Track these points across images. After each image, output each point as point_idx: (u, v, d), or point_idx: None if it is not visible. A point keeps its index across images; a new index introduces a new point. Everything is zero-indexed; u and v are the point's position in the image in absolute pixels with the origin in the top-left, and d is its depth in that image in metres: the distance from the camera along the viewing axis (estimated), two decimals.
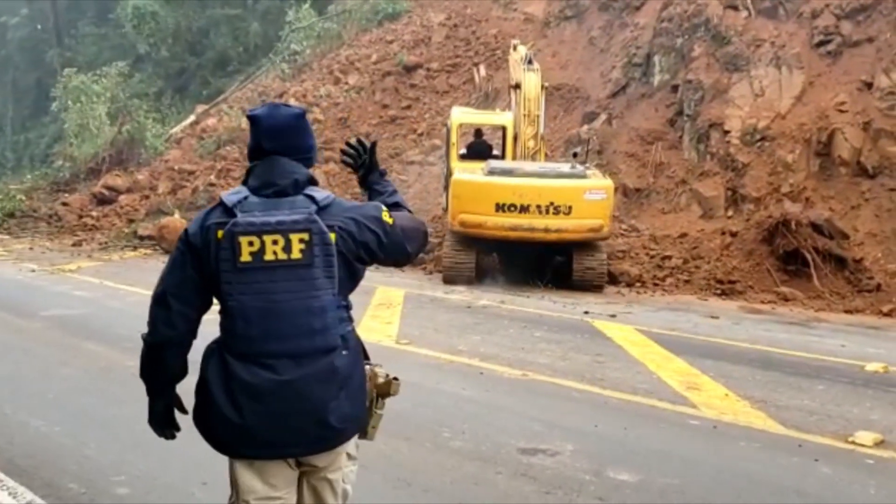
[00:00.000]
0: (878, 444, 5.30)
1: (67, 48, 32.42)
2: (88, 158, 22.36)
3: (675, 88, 17.56)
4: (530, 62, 14.21)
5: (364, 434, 2.75)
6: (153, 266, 13.76)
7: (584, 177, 12.50)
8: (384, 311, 9.84)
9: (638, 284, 13.16)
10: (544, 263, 12.99)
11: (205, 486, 4.21)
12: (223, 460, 2.59)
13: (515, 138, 13.92)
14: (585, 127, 18.65)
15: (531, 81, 13.79)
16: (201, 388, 2.55)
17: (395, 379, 2.78)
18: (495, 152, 14.51)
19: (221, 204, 2.53)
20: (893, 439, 5.43)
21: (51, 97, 27.00)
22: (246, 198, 2.51)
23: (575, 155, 13.84)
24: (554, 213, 12.06)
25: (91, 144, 23.17)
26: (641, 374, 7.10)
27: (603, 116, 18.80)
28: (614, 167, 17.09)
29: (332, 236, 2.50)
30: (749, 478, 4.69)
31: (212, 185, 18.60)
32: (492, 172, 12.50)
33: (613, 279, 13.30)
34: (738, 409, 6.07)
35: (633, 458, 4.92)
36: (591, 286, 12.42)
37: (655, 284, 13.23)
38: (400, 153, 19.03)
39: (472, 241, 12.67)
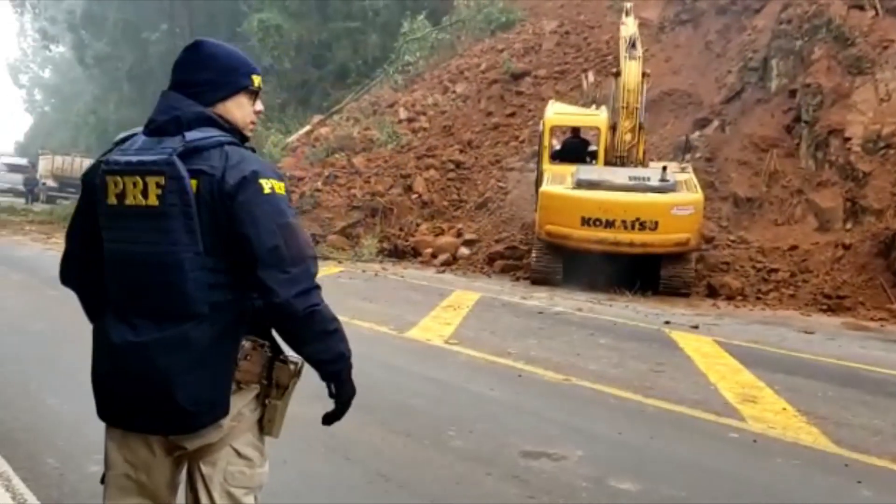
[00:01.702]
0: None
1: None
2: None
3: (792, 93, 16.47)
4: (633, 46, 13.63)
5: (263, 427, 2.34)
6: None
7: (672, 190, 12.06)
8: (449, 312, 9.64)
9: (739, 298, 12.42)
10: (634, 271, 12.48)
11: None
12: None
13: (614, 128, 13.45)
14: (696, 133, 17.84)
15: (632, 71, 13.31)
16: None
17: (285, 362, 2.30)
18: (592, 148, 14.08)
19: (114, 142, 2.30)
20: None
21: None
22: (133, 135, 2.26)
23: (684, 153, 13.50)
24: (640, 229, 11.79)
25: None
26: (697, 385, 6.56)
27: (715, 123, 17.90)
28: (725, 175, 16.26)
29: (194, 183, 2.10)
30: (770, 494, 4.17)
31: (318, 190, 18.95)
32: (579, 185, 12.25)
33: (713, 292, 12.69)
34: (791, 425, 5.47)
35: (645, 468, 4.48)
36: (678, 293, 12.07)
37: (758, 298, 12.44)
38: (500, 160, 18.80)
39: (559, 247, 12.45)
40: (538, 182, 13.65)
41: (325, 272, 13.24)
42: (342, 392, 2.34)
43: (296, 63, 29.94)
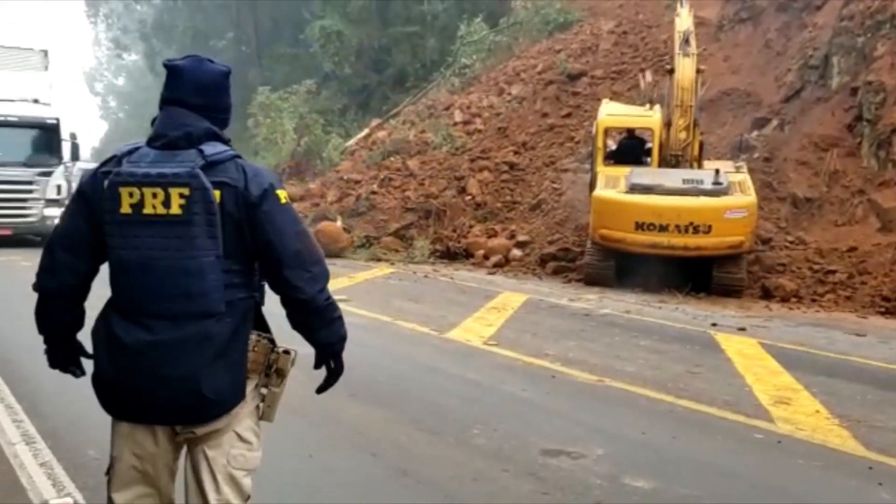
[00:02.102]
0: None
1: (266, 68, 34.93)
2: (271, 169, 23.95)
3: (854, 91, 16.05)
4: (687, 42, 13.50)
5: (262, 413, 2.58)
6: None
7: (725, 193, 12.00)
8: (492, 314, 9.75)
9: (794, 300, 12.21)
10: (688, 271, 12.45)
11: None
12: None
13: (669, 125, 13.39)
14: (755, 133, 17.56)
15: (685, 69, 13.20)
16: (94, 345, 2.49)
17: (287, 352, 2.56)
18: (649, 146, 14.02)
19: (114, 155, 2.46)
20: None
21: (247, 113, 29.16)
22: (137, 149, 2.42)
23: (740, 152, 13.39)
24: (693, 233, 11.80)
25: (274, 156, 24.82)
26: (732, 387, 6.54)
27: (774, 122, 17.59)
28: (784, 175, 15.96)
29: (217, 194, 2.34)
30: (784, 495, 4.20)
31: (374, 193, 19.25)
32: (632, 189, 12.26)
33: (767, 293, 12.50)
34: (821, 427, 5.43)
35: (662, 467, 4.53)
36: (730, 294, 12.09)
37: (813, 300, 12.20)
38: (555, 161, 18.80)
39: (612, 249, 12.50)
40: (592, 184, 13.70)
41: (376, 273, 13.50)
42: (338, 367, 2.66)
43: (356, 68, 30.38)
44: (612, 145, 14.43)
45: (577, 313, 10.17)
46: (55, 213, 15.36)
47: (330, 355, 2.62)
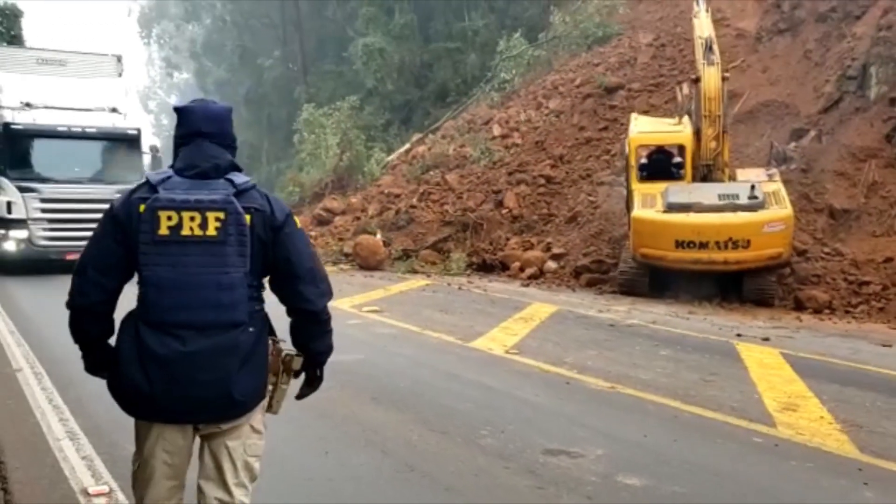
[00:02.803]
0: None
1: (311, 85, 35.78)
2: (314, 184, 24.57)
3: (892, 101, 15.98)
4: (710, 49, 13.61)
5: (270, 408, 2.94)
6: (340, 279, 14.94)
7: (762, 207, 12.16)
8: (519, 324, 10.02)
9: (826, 311, 12.24)
10: (721, 281, 12.68)
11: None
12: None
13: (699, 133, 13.53)
14: (792, 144, 17.53)
15: (711, 78, 13.30)
16: (115, 355, 2.76)
17: (299, 355, 2.94)
18: (677, 159, 14.16)
19: (147, 182, 2.74)
20: None
21: (293, 130, 29.92)
22: (170, 177, 2.73)
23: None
24: (733, 248, 12.04)
25: (319, 171, 25.45)
26: (742, 394, 6.71)
27: (812, 133, 17.53)
28: (821, 186, 15.92)
29: (248, 218, 2.70)
30: (770, 495, 4.40)
31: (413, 206, 19.67)
32: (670, 208, 12.46)
33: (799, 305, 12.55)
34: (821, 432, 5.60)
35: (657, 467, 4.77)
36: (762, 303, 12.37)
37: (846, 311, 12.24)
38: (591, 174, 18.99)
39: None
40: (628, 202, 13.91)
41: (412, 285, 13.86)
42: (321, 374, 3.04)
43: (398, 84, 30.98)
44: (643, 159, 14.60)
45: (602, 324, 10.38)
46: None
47: (318, 364, 3.00)
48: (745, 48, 21.68)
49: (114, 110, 16.24)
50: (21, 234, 14.42)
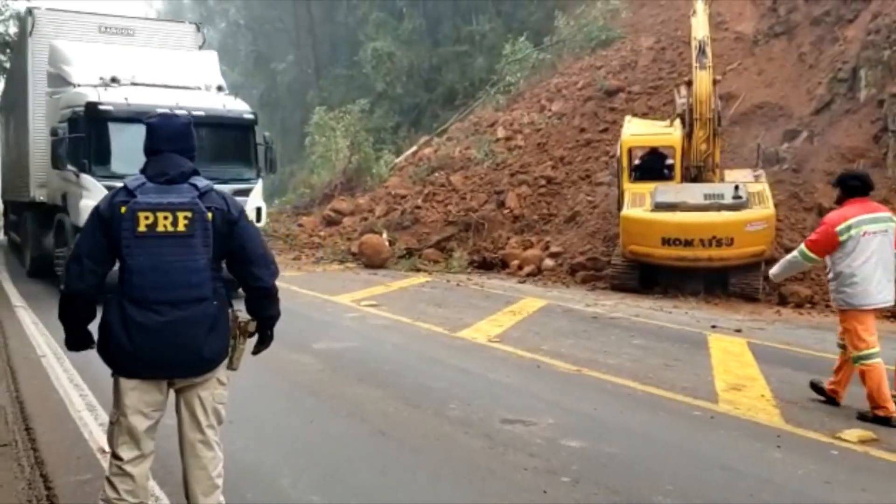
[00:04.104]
0: (863, 442, 5.32)
1: (323, 89, 36.66)
2: (324, 185, 25.36)
3: (881, 103, 16.52)
4: (703, 52, 14.14)
5: (230, 363, 3.64)
6: (345, 277, 15.65)
7: (745, 207, 12.76)
8: (507, 316, 10.69)
9: (808, 305, 12.80)
10: (708, 277, 13.32)
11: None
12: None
13: (690, 135, 14.11)
14: (785, 145, 18.08)
15: (702, 81, 13.83)
16: (103, 326, 3.39)
17: (253, 320, 3.69)
18: (669, 161, 14.75)
19: (125, 188, 3.40)
20: (883, 438, 5.40)
21: (305, 132, 30.69)
22: (144, 183, 3.40)
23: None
24: (717, 245, 12.63)
25: (328, 173, 26.23)
26: (697, 377, 7.35)
27: (804, 134, 18.08)
28: (811, 186, 16.45)
29: (210, 215, 3.40)
30: (691, 454, 5.06)
31: (418, 207, 20.38)
32: (657, 207, 13.07)
33: (782, 300, 13.12)
34: (757, 407, 6.25)
35: (598, 433, 5.45)
36: (747, 298, 12.94)
37: (827, 305, 12.75)
38: (591, 174, 19.61)
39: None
40: (620, 201, 14.56)
41: (412, 282, 14.56)
42: (272, 334, 3.81)
43: (407, 87, 31.73)
44: (637, 160, 15.23)
45: (586, 317, 11.03)
46: None
47: (269, 326, 3.76)
48: (743, 51, 22.20)
49: (220, 89, 13.01)
50: None
